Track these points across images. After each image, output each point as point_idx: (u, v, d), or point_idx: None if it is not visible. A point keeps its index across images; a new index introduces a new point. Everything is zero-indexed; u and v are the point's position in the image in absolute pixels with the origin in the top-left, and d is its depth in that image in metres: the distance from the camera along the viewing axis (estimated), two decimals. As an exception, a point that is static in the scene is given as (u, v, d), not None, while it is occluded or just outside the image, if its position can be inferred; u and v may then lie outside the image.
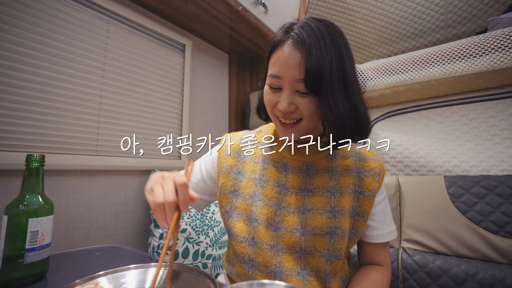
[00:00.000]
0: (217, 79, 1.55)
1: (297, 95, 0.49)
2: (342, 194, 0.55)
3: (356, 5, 1.75)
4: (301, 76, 0.47)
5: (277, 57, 0.50)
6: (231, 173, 0.60)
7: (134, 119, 1.08)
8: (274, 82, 0.51)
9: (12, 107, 0.76)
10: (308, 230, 0.53)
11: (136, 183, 1.09)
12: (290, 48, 0.49)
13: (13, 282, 0.47)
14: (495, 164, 0.90)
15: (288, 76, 0.48)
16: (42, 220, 0.51)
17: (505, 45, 0.90)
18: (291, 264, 0.52)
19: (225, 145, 0.64)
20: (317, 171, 0.57)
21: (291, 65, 0.48)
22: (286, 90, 0.49)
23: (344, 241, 0.53)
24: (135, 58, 1.09)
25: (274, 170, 0.58)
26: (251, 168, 0.60)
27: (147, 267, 0.47)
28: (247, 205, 0.56)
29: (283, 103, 0.49)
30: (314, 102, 0.49)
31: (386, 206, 0.60)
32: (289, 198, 0.55)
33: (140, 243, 1.08)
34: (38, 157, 0.53)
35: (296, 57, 0.48)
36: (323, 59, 0.46)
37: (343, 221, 0.53)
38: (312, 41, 0.47)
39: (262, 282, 0.33)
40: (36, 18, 0.81)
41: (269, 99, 0.52)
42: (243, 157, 0.62)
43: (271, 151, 0.61)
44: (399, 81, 1.10)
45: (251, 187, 0.57)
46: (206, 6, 1.15)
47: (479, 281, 0.72)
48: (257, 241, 0.53)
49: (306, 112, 0.49)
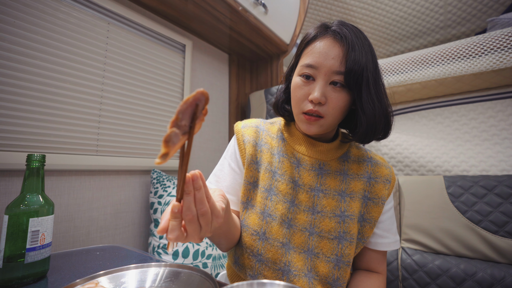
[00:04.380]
0: (217, 79, 1.56)
1: (330, 87, 0.50)
2: (352, 199, 0.55)
3: (356, 5, 1.75)
4: (341, 68, 0.48)
5: (314, 48, 0.51)
6: (252, 163, 0.57)
7: (134, 119, 1.08)
8: (308, 71, 0.51)
9: (12, 107, 0.76)
10: (316, 231, 0.53)
11: (136, 183, 1.09)
12: (330, 41, 0.50)
13: (14, 282, 0.48)
14: (494, 164, 0.91)
15: (326, 66, 0.49)
16: (42, 219, 0.51)
17: (504, 45, 0.90)
18: (300, 264, 0.52)
19: (242, 134, 0.60)
20: (329, 172, 0.57)
21: (330, 56, 0.49)
22: (321, 80, 0.49)
23: (352, 246, 0.53)
24: (135, 58, 1.09)
25: (288, 164, 0.57)
26: (268, 158, 0.58)
27: (147, 266, 0.48)
28: (262, 198, 0.55)
29: (316, 92, 0.48)
30: (345, 98, 0.50)
31: (393, 215, 0.60)
32: (300, 195, 0.55)
33: (140, 243, 1.08)
34: (39, 157, 0.53)
35: (336, 49, 0.49)
36: (362, 56, 0.48)
37: (351, 226, 0.53)
38: (354, 39, 0.49)
39: (262, 282, 0.33)
40: (37, 18, 0.82)
41: (299, 91, 0.52)
42: (260, 145, 0.59)
43: (284, 143, 0.60)
44: (398, 81, 1.10)
45: (267, 179, 0.56)
46: (206, 6, 1.15)
47: (479, 281, 0.72)
48: (269, 237, 0.52)
49: (335, 106, 0.50)
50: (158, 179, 1.07)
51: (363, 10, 1.74)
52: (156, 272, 0.47)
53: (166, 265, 0.48)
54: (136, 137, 1.08)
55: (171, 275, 0.46)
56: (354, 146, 0.63)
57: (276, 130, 0.63)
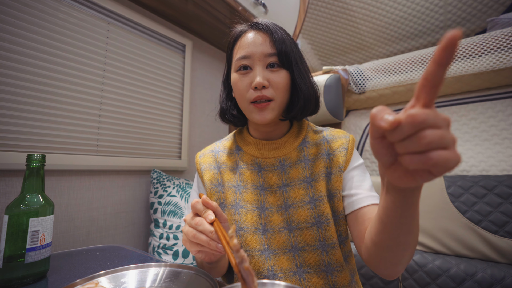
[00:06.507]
0: (217, 79, 1.56)
1: (268, 70, 0.53)
2: (317, 181, 0.54)
3: (356, 5, 1.75)
4: (273, 50, 0.52)
5: (242, 42, 0.55)
6: (213, 187, 0.60)
7: (134, 119, 1.08)
8: (244, 62, 0.53)
9: (12, 107, 0.76)
10: (294, 226, 0.53)
11: (136, 183, 1.09)
12: (253, 33, 0.55)
13: (14, 282, 0.48)
14: (494, 164, 0.91)
15: (258, 52, 0.52)
16: (42, 219, 0.51)
17: (504, 45, 0.90)
18: (285, 264, 0.52)
19: (199, 163, 0.64)
20: (290, 164, 0.57)
21: (258, 44, 0.53)
22: (258, 66, 0.53)
23: (330, 227, 0.52)
24: (135, 58, 1.09)
25: (249, 173, 0.58)
26: (228, 176, 0.60)
27: (147, 267, 0.48)
28: (230, 215, 0.56)
29: (258, 77, 0.51)
30: (285, 77, 0.53)
31: (362, 173, 0.55)
32: (269, 198, 0.55)
33: (140, 243, 1.08)
34: (39, 157, 0.53)
35: (261, 37, 0.54)
36: (284, 39, 0.54)
37: (323, 207, 0.52)
38: (272, 26, 0.54)
39: (263, 282, 0.33)
40: (37, 18, 0.82)
41: (241, 84, 0.54)
42: (218, 168, 0.62)
43: (242, 154, 0.61)
44: (398, 81, 1.10)
45: (232, 196, 0.57)
46: (206, 6, 1.15)
47: (478, 281, 0.72)
48: (246, 249, 0.53)
49: (278, 86, 0.52)
50: (158, 179, 1.07)
51: (363, 10, 1.74)
52: (156, 272, 0.47)
53: (166, 265, 0.48)
54: (136, 137, 1.08)
55: (171, 275, 0.46)
56: (311, 130, 0.62)
57: (231, 144, 0.64)
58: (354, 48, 2.03)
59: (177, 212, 1.01)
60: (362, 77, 1.27)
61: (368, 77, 1.26)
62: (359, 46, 1.99)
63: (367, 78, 1.26)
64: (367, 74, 1.26)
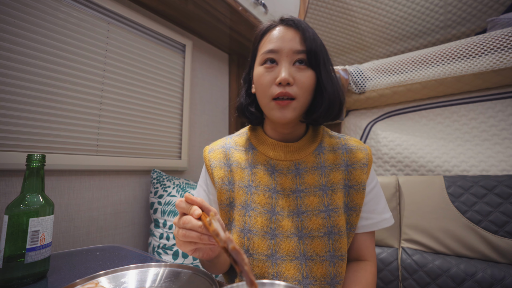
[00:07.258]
0: (217, 79, 1.56)
1: (294, 68, 0.51)
2: (334, 191, 0.53)
3: (356, 5, 1.75)
4: (302, 47, 0.51)
5: (271, 36, 0.53)
6: (223, 185, 0.57)
7: (134, 119, 1.08)
8: (270, 55, 0.52)
9: (12, 107, 0.76)
10: (305, 233, 0.51)
11: (136, 183, 1.09)
12: (284, 28, 0.53)
13: (14, 282, 0.48)
14: (494, 164, 0.91)
15: (286, 47, 0.51)
16: (42, 219, 0.51)
17: (504, 45, 0.90)
18: (291, 272, 0.50)
19: (209, 159, 0.60)
20: (306, 169, 0.55)
21: (287, 39, 0.51)
22: (285, 62, 0.51)
23: (342, 239, 0.51)
24: (135, 58, 1.09)
25: (262, 174, 0.56)
26: (239, 176, 0.57)
27: (147, 267, 0.48)
28: (240, 216, 0.54)
29: (283, 73, 0.49)
30: (311, 77, 0.52)
31: (377, 195, 0.57)
32: (281, 201, 0.53)
33: (140, 243, 1.08)
34: (39, 157, 0.53)
35: (291, 33, 0.52)
36: (315, 38, 0.52)
37: (338, 219, 0.52)
38: (303, 24, 0.53)
39: (263, 282, 0.33)
40: (37, 18, 0.82)
41: (264, 78, 0.52)
42: (229, 165, 0.58)
43: (256, 153, 0.58)
44: (398, 81, 1.11)
45: (242, 196, 0.55)
46: (206, 6, 1.15)
47: (479, 281, 0.72)
48: (253, 253, 0.51)
49: (303, 85, 0.51)
50: (158, 179, 1.07)
51: (363, 10, 1.74)
52: (156, 272, 0.47)
53: (166, 265, 0.48)
54: (136, 137, 1.08)
55: (171, 275, 0.46)
56: (327, 135, 0.61)
57: (245, 141, 0.62)
58: (354, 48, 2.03)
59: (177, 212, 1.01)
60: (362, 77, 1.27)
61: (368, 77, 1.26)
62: (359, 46, 1.99)
63: (367, 78, 1.26)
64: (367, 74, 1.26)
